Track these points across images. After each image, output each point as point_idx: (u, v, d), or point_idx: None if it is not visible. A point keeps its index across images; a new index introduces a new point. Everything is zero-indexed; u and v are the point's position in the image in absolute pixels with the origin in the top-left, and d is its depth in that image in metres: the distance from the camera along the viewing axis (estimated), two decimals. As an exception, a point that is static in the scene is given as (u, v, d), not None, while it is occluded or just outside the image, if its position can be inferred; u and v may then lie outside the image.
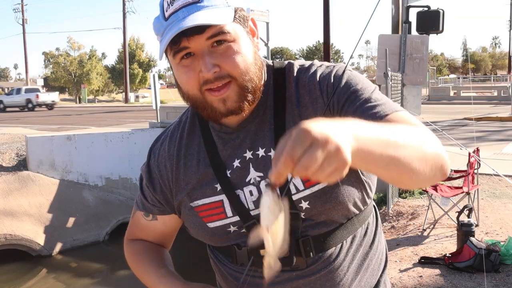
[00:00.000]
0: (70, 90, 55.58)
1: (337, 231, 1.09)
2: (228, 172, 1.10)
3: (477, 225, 5.23)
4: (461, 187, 5.55)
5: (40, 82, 55.82)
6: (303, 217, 1.07)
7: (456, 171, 6.04)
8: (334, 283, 1.10)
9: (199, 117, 1.15)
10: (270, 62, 1.15)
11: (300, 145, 0.69)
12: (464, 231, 4.44)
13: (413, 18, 7.06)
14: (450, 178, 6.02)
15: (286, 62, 1.16)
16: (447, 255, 4.39)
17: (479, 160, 5.56)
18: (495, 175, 7.01)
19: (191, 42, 0.98)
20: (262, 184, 1.08)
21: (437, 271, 4.27)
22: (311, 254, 1.08)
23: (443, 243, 4.95)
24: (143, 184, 1.22)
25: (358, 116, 0.94)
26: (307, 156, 0.69)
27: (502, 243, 4.41)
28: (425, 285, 4.02)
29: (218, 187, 1.10)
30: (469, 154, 5.46)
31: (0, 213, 8.76)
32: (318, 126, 0.70)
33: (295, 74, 1.11)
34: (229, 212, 1.10)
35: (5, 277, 8.29)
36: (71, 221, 9.45)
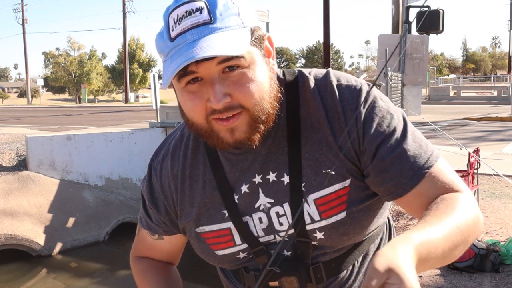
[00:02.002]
0: (70, 90, 55.66)
1: (348, 254, 1.05)
2: (235, 198, 1.02)
3: (477, 225, 5.23)
4: (461, 187, 5.54)
5: (40, 82, 55.78)
6: (316, 244, 1.01)
7: (456, 171, 6.03)
8: None
9: None
10: (280, 72, 1.03)
11: None
12: (464, 231, 4.44)
13: (413, 18, 7.07)
14: (450, 178, 6.02)
15: (296, 72, 1.03)
16: (447, 255, 4.39)
17: (479, 160, 5.56)
18: (495, 175, 7.00)
19: (200, 67, 0.86)
20: (272, 211, 1.01)
21: (437, 271, 4.26)
22: (323, 280, 1.04)
23: (443, 243, 4.95)
24: (146, 204, 1.14)
25: (394, 170, 0.93)
26: None
27: (502, 243, 4.41)
28: (425, 285, 4.02)
29: (226, 213, 1.03)
30: (469, 154, 5.46)
31: (0, 213, 8.76)
32: (408, 279, 0.70)
33: (311, 90, 0.99)
34: (237, 240, 1.04)
35: (5, 277, 8.29)
36: (71, 221, 9.45)
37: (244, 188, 1.02)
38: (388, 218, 1.17)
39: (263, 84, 0.90)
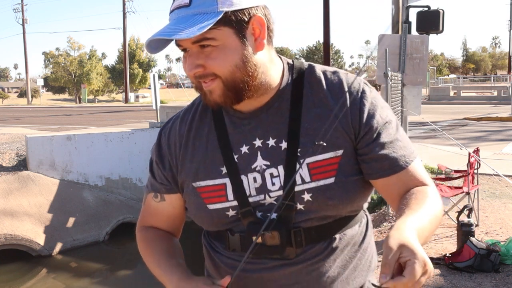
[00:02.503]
0: (70, 90, 55.59)
1: (328, 226, 1.14)
2: (235, 157, 1.14)
3: (477, 225, 5.23)
4: (461, 187, 5.55)
5: (40, 82, 55.73)
6: (302, 208, 1.11)
7: (456, 171, 6.04)
8: (319, 274, 1.14)
9: None
10: (290, 61, 1.21)
11: (422, 274, 0.87)
12: (464, 231, 4.43)
13: (413, 18, 7.06)
14: (450, 178, 6.02)
15: (307, 63, 1.21)
16: (447, 255, 4.39)
17: (479, 160, 5.57)
18: (495, 175, 7.01)
19: (180, 42, 1.05)
20: (267, 172, 1.12)
21: (437, 271, 4.26)
22: (302, 244, 1.12)
23: (443, 243, 4.94)
24: (153, 163, 1.26)
25: (391, 152, 1.11)
26: (419, 283, 0.86)
27: (502, 243, 4.41)
28: (425, 285, 4.02)
29: (224, 170, 1.14)
30: (469, 154, 5.47)
31: (0, 213, 8.76)
32: (418, 250, 0.87)
33: (317, 75, 1.17)
34: (230, 195, 1.14)
35: (5, 277, 8.29)
36: (71, 221, 9.44)
37: (244, 149, 1.14)
38: (366, 215, 1.27)
39: (233, 60, 1.05)
